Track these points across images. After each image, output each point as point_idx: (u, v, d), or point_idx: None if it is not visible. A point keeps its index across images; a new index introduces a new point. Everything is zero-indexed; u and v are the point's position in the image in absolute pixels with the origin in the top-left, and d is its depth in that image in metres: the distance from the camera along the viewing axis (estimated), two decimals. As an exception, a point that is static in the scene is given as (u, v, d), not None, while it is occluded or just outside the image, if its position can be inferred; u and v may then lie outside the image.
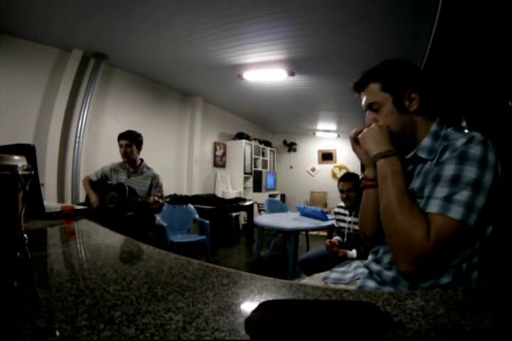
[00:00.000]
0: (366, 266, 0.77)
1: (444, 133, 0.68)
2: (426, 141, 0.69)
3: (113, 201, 2.02)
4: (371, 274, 0.74)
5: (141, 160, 2.21)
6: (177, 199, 1.84)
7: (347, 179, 2.03)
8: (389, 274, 0.67)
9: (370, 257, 0.78)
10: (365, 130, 0.73)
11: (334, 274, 0.88)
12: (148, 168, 2.21)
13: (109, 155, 2.18)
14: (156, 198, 1.83)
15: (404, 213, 0.60)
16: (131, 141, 2.10)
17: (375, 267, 0.73)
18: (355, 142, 0.77)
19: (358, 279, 0.79)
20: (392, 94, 0.70)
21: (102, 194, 2.09)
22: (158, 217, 2.78)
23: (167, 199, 1.84)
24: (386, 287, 0.68)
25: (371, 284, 0.72)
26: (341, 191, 2.06)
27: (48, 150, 2.68)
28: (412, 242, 0.57)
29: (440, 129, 0.70)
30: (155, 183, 2.16)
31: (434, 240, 0.56)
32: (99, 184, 2.17)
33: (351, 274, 0.84)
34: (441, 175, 0.60)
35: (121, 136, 2.12)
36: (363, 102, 0.76)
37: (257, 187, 5.70)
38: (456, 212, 0.56)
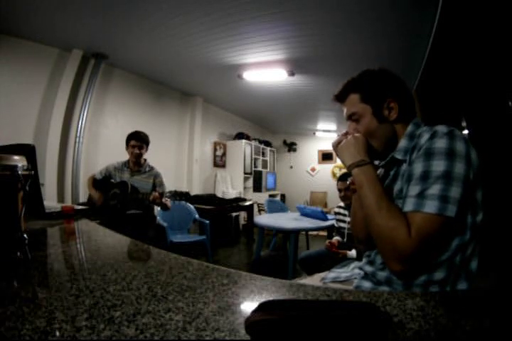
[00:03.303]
0: (361, 268, 0.79)
1: (419, 132, 0.68)
2: (402, 143, 0.71)
3: (115, 198, 2.05)
4: (367, 275, 0.75)
5: (145, 159, 2.26)
6: (177, 195, 1.88)
7: (345, 178, 2.09)
8: (383, 274, 0.68)
9: (364, 259, 0.80)
10: (343, 141, 0.74)
11: (332, 274, 0.90)
12: (150, 167, 2.26)
13: (109, 155, 2.19)
14: (157, 194, 1.89)
15: (384, 216, 0.61)
16: (142, 142, 2.14)
17: (369, 269, 0.74)
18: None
19: (355, 278, 0.80)
20: (372, 105, 0.72)
21: (104, 191, 2.12)
22: (158, 217, 2.79)
23: (167, 194, 1.88)
24: (382, 287, 0.69)
25: (367, 284, 0.73)
26: (339, 190, 2.16)
27: (48, 150, 2.68)
28: (395, 243, 0.58)
29: (416, 129, 0.71)
30: (158, 182, 2.22)
31: (416, 237, 0.56)
32: (102, 182, 2.20)
33: (348, 274, 0.85)
34: (412, 174, 0.62)
35: (133, 137, 2.14)
36: (344, 113, 0.77)
37: (257, 187, 5.69)
38: (430, 207, 0.56)
